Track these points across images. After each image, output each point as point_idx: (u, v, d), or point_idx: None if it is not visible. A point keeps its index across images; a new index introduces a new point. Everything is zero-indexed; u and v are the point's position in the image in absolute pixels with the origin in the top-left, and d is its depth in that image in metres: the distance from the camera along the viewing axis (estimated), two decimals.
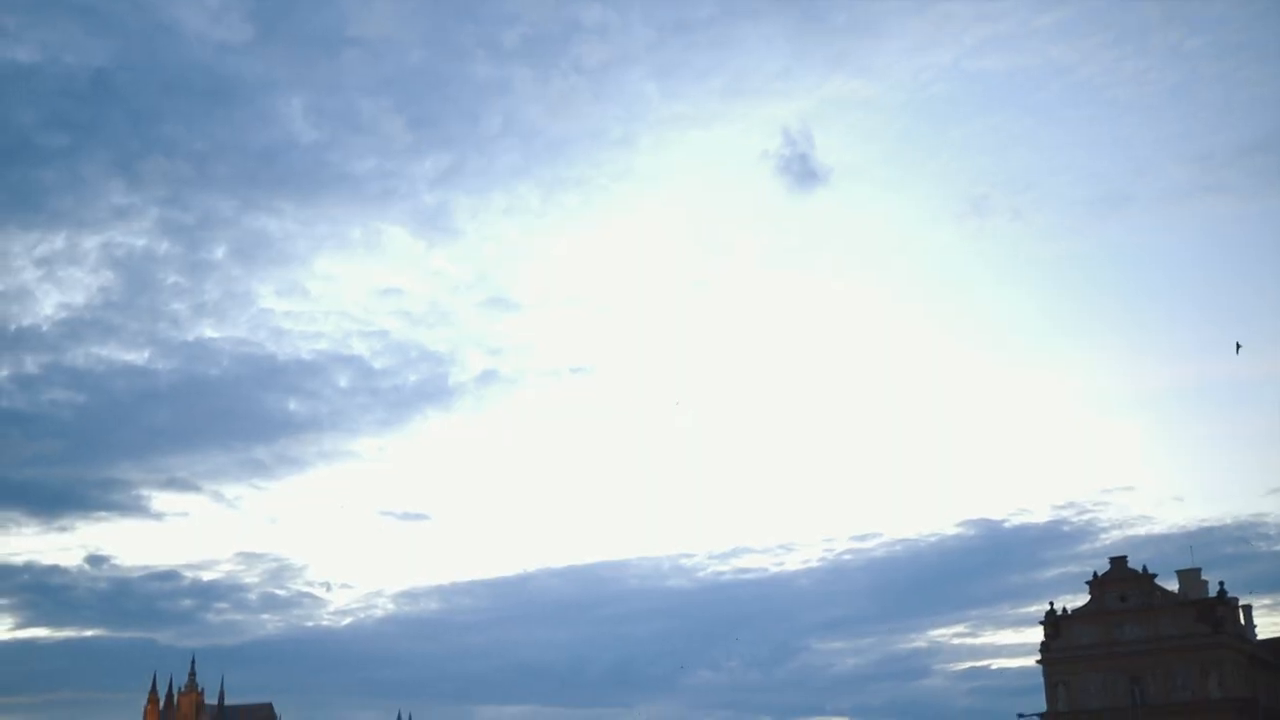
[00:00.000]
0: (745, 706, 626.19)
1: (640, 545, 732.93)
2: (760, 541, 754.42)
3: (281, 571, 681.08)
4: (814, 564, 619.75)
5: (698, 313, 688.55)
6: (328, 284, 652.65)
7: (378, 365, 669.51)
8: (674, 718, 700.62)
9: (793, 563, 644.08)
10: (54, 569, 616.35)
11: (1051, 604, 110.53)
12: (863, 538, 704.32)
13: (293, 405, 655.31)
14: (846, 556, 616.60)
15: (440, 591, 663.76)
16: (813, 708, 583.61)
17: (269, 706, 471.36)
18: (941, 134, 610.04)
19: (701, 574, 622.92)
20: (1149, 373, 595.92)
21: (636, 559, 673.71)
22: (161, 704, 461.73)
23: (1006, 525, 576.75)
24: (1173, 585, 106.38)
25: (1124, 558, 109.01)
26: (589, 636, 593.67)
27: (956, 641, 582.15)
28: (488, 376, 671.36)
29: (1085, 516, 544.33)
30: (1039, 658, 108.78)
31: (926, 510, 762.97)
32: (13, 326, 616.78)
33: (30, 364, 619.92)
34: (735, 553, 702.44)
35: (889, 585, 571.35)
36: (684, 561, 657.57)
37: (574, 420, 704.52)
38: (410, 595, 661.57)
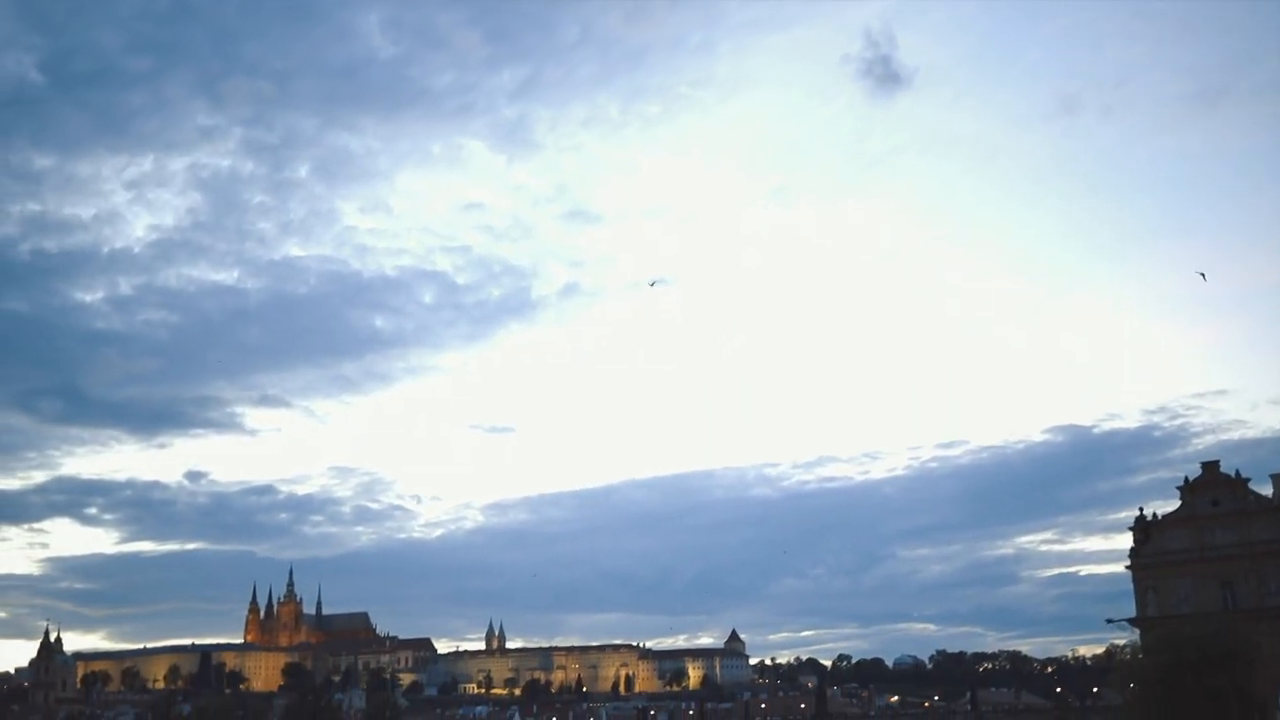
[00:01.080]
0: (830, 613, 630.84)
1: (725, 456, 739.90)
2: (845, 450, 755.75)
3: (373, 485, 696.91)
4: (899, 472, 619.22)
5: (779, 221, 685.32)
6: (410, 200, 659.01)
7: (461, 280, 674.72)
8: (759, 625, 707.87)
9: (878, 471, 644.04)
10: (155, 485, 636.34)
11: (1141, 510, 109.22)
12: (949, 445, 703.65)
13: (379, 321, 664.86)
14: (932, 464, 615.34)
15: (528, 503, 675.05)
16: (898, 614, 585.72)
17: (365, 615, 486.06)
18: (1030, 30, 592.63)
19: (786, 483, 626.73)
20: (1249, 275, 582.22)
21: (721, 469, 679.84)
22: (262, 613, 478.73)
23: (1096, 431, 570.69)
24: (1266, 490, 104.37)
25: (1216, 462, 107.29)
26: (675, 546, 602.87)
27: (1044, 548, 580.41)
28: (570, 289, 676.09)
29: (1177, 421, 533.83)
30: (1128, 563, 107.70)
31: (1014, 417, 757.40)
32: (106, 249, 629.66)
33: (124, 286, 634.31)
34: (820, 462, 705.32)
35: (976, 492, 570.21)
36: (769, 471, 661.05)
37: (657, 331, 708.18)
38: (498, 507, 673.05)
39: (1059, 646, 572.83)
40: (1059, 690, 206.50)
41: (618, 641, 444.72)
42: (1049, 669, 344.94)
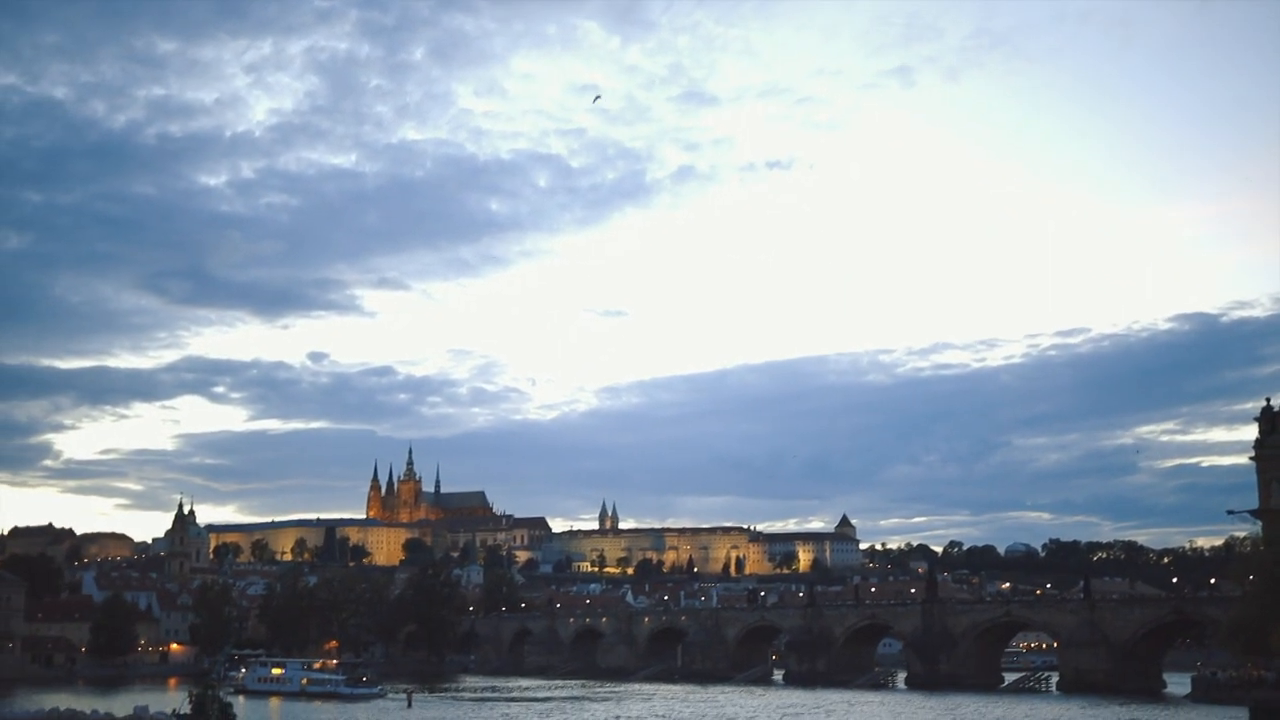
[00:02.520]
0: (942, 501, 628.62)
1: (839, 341, 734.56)
2: (961, 337, 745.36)
3: (489, 367, 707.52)
4: (1017, 360, 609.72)
5: (898, 102, 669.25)
6: (525, 83, 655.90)
7: (575, 164, 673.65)
8: (870, 510, 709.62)
9: (995, 358, 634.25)
10: (279, 365, 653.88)
11: (1269, 400, 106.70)
12: (1069, 333, 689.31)
13: (494, 205, 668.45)
14: (1051, 352, 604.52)
15: (640, 386, 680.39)
16: (1012, 502, 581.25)
17: (481, 494, 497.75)
18: None
19: (900, 370, 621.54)
20: None
21: (835, 355, 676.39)
22: (383, 490, 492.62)
23: (1223, 320, 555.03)
24: None
25: None
26: (786, 431, 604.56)
27: (1165, 439, 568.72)
28: (684, 172, 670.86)
29: None
30: (1253, 455, 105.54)
31: (1137, 304, 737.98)
32: (228, 133, 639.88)
33: (246, 169, 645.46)
34: (935, 348, 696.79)
35: (1095, 381, 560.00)
36: (883, 357, 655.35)
37: (772, 215, 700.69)
38: (611, 390, 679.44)
39: (1176, 538, 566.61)
40: (1175, 581, 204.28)
41: (728, 524, 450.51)
42: (1165, 560, 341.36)
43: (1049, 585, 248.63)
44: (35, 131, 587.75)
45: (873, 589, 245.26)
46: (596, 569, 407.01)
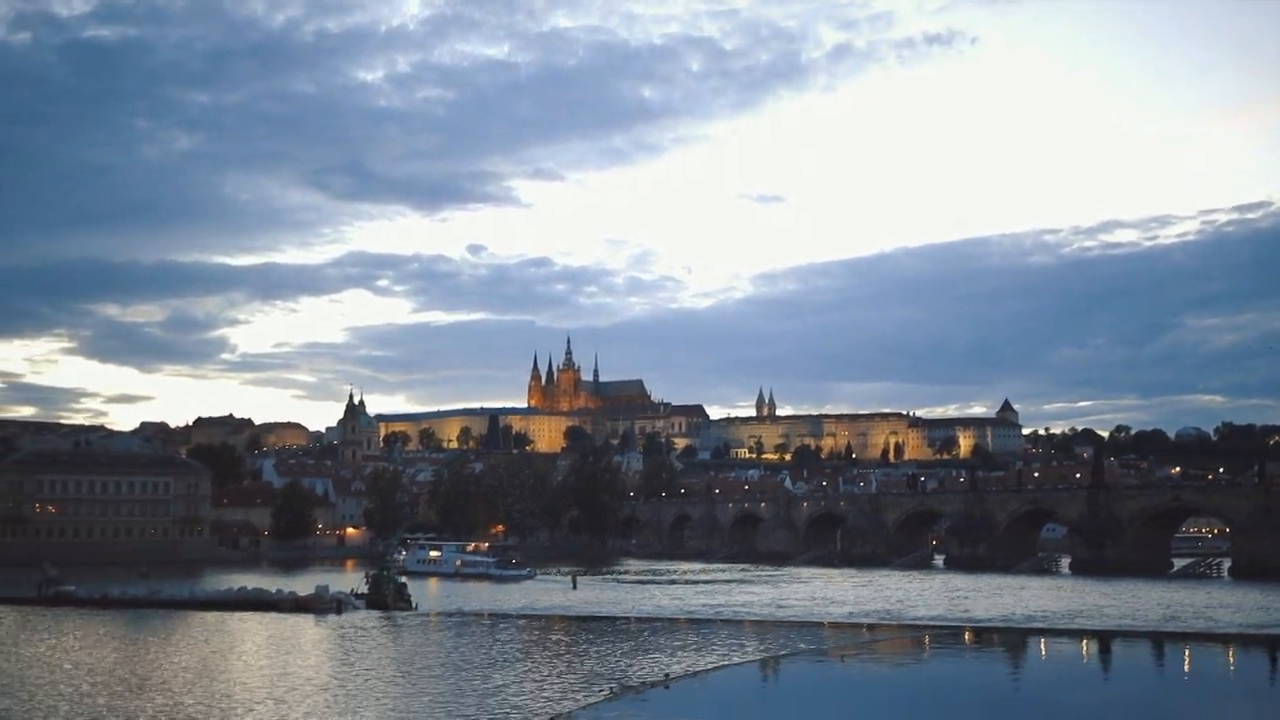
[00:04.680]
0: (1109, 384, 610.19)
1: (1001, 221, 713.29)
2: (1131, 214, 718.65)
3: (644, 256, 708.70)
4: (1191, 237, 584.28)
5: None
6: None
7: (729, 46, 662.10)
8: (1033, 395, 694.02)
9: (1167, 236, 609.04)
10: (439, 258, 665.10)
11: None
12: (1247, 208, 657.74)
13: (647, 92, 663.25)
14: (1229, 229, 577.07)
15: (797, 272, 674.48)
16: (1182, 385, 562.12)
17: (639, 383, 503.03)
18: None
19: (1066, 250, 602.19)
20: None
21: (997, 236, 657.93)
22: (543, 380, 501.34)
23: None
24: None
25: None
26: (947, 315, 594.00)
27: None
28: (841, 51, 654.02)
29: None
30: None
31: None
32: (383, 28, 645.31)
33: (402, 63, 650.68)
34: (1104, 227, 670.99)
35: (1275, 258, 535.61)
36: (1048, 238, 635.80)
37: (931, 93, 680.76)
38: (768, 277, 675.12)
39: None
40: None
41: (887, 410, 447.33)
42: None
43: (1221, 470, 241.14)
44: (199, 33, 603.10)
45: (1035, 474, 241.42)
46: (754, 456, 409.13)
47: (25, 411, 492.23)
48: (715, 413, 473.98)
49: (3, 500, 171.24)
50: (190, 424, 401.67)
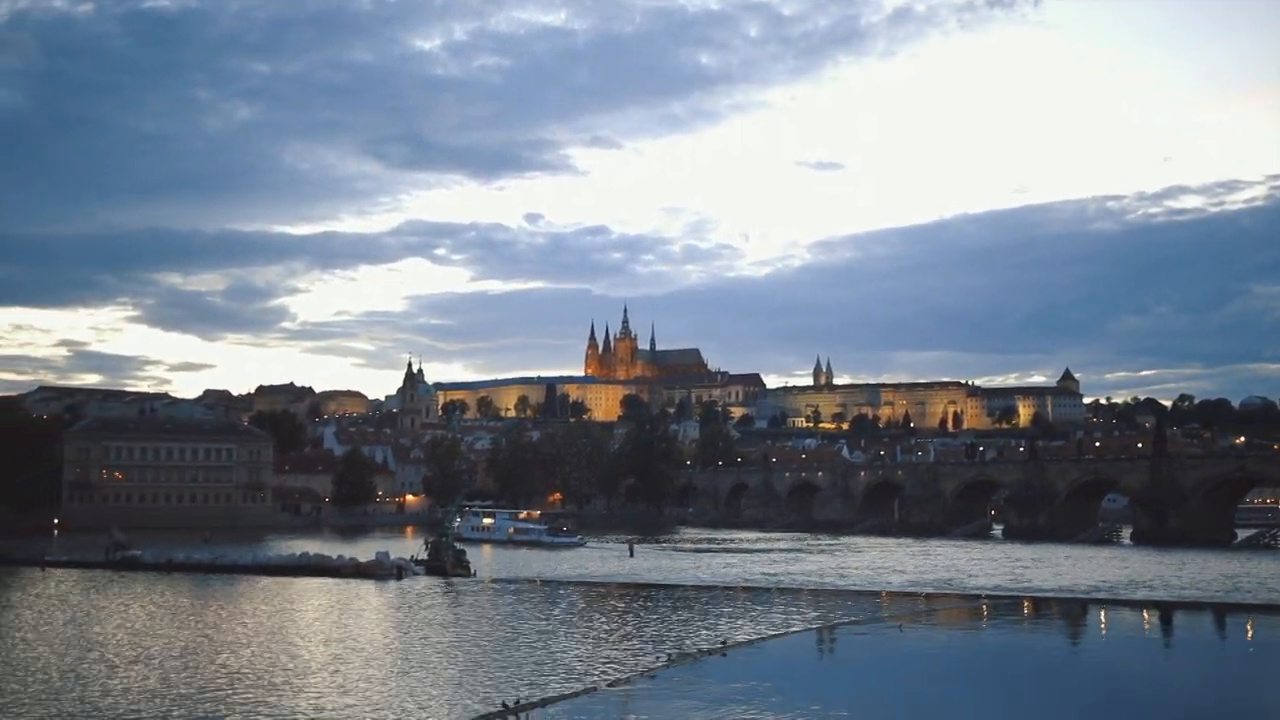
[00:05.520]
0: (1173, 353, 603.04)
1: (1063, 187, 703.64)
2: (1197, 180, 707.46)
3: (702, 224, 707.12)
4: (1260, 203, 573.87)
5: None
6: None
7: (787, 11, 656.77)
8: (1094, 364, 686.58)
9: (1235, 202, 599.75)
10: (496, 226, 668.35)
11: None
12: None
13: (704, 58, 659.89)
14: None
15: (855, 240, 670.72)
16: (1248, 354, 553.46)
17: (696, 351, 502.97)
18: None
19: (1130, 216, 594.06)
20: None
21: (1059, 202, 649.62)
22: (600, 348, 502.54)
23: None
24: None
25: None
26: (1008, 282, 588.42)
27: None
28: (900, 15, 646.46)
29: None
30: None
31: None
32: None
33: (459, 31, 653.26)
34: (1169, 193, 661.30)
35: None
36: (1111, 204, 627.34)
37: (992, 57, 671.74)
38: (826, 244, 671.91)
39: None
40: None
41: (945, 379, 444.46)
42: None
43: None
44: (258, 3, 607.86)
45: (1096, 444, 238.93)
46: (811, 425, 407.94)
47: (91, 379, 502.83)
48: (772, 381, 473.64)
49: (71, 466, 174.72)
50: (252, 392, 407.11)
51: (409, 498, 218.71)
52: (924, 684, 46.76)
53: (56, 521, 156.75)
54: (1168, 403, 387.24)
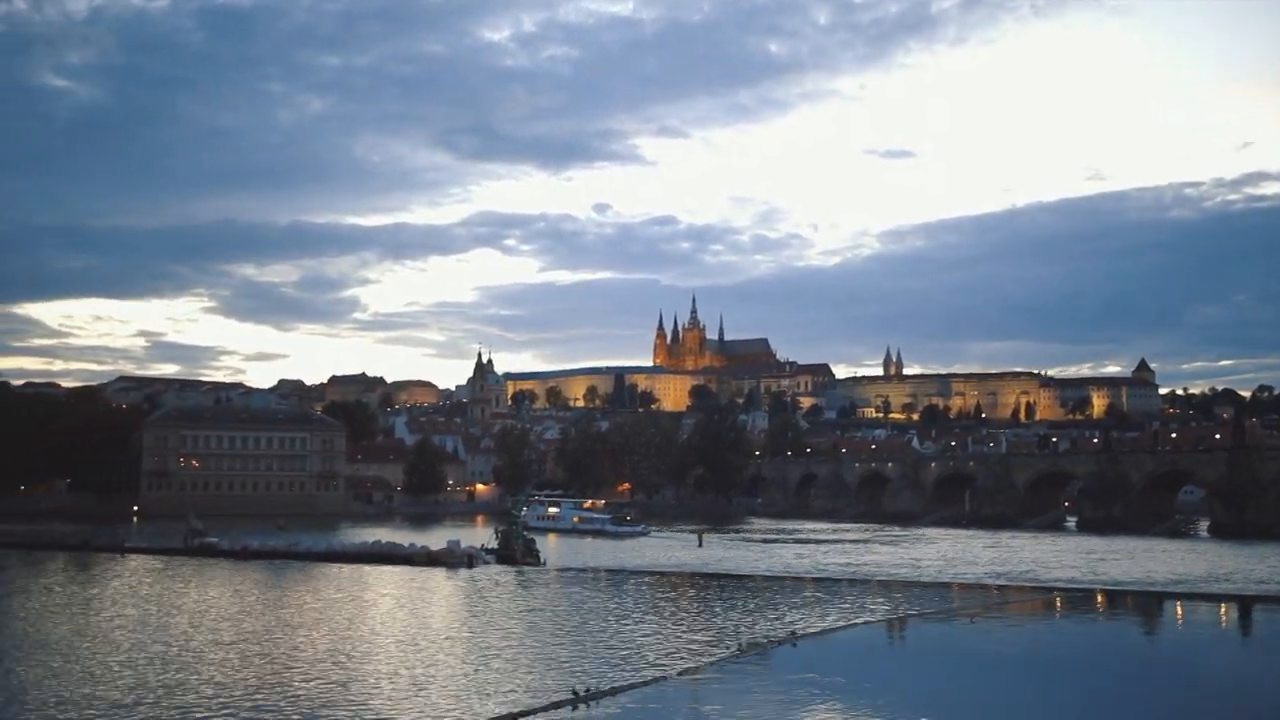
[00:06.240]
0: (1254, 344, 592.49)
1: (1138, 175, 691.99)
2: (1277, 165, 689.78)
3: (770, 214, 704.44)
4: None
5: None
6: None
7: None
8: (1171, 354, 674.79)
9: None
10: (565, 217, 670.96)
11: None
12: None
13: (773, 46, 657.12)
14: None
15: (926, 229, 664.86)
16: None
17: (764, 341, 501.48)
18: None
19: (1208, 204, 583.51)
20: None
21: (1134, 190, 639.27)
22: (669, 338, 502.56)
23: None
24: None
25: None
26: (1081, 272, 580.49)
27: None
28: (972, 2, 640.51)
29: None
30: None
31: None
32: None
33: (528, 23, 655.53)
34: (1249, 179, 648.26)
35: None
36: (1188, 191, 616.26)
37: (1065, 43, 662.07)
38: (895, 234, 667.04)
39: None
40: None
41: (1018, 369, 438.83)
42: None
43: None
44: None
45: (1172, 435, 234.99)
46: (881, 415, 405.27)
47: (168, 369, 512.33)
48: (841, 372, 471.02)
49: (149, 455, 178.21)
50: (325, 381, 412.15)
51: (479, 487, 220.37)
52: (995, 676, 46.46)
53: (135, 509, 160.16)
54: (1246, 393, 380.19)
